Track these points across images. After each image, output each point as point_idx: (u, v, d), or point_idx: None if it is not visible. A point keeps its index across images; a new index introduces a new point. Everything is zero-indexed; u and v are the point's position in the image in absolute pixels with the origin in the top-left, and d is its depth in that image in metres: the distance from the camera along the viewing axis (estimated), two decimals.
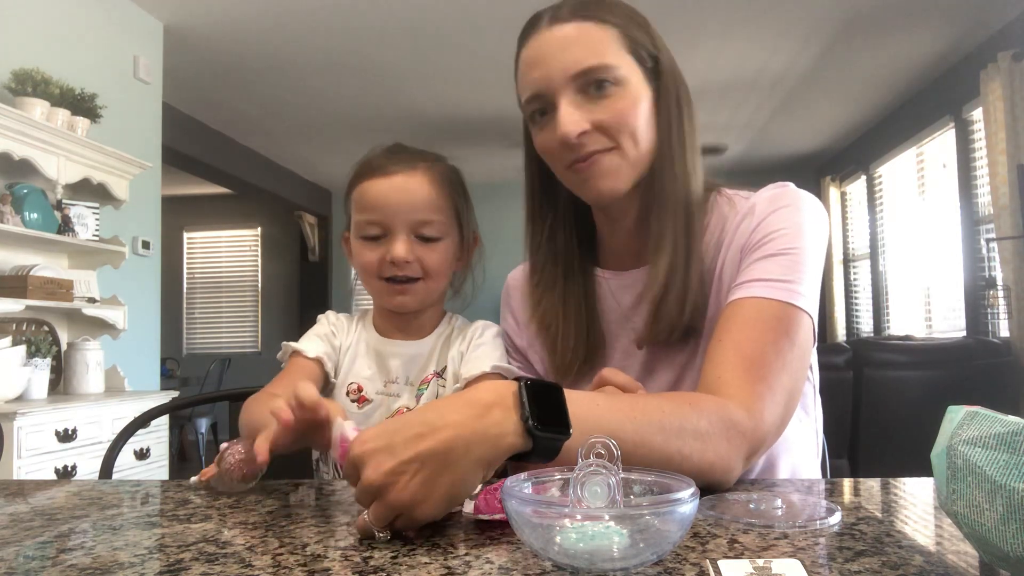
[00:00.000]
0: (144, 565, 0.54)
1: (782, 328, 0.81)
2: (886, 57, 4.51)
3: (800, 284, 0.83)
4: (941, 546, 0.55)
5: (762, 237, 0.87)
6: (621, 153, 0.87)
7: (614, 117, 0.85)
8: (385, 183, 0.98)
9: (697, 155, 0.91)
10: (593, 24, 0.86)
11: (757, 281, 0.84)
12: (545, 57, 0.87)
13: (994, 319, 4.18)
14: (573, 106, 0.85)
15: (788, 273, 0.83)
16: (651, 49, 0.89)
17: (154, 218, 3.70)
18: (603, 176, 0.88)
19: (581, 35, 0.86)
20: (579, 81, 0.85)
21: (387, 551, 0.55)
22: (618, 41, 0.86)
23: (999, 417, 0.44)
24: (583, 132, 0.85)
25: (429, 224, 0.98)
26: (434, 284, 1.02)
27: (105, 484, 0.88)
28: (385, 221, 0.98)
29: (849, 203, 6.69)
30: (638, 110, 0.87)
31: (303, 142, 6.01)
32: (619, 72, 0.85)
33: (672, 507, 0.48)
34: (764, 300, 0.82)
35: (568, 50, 0.85)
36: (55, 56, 3.01)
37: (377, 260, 0.99)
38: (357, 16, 3.81)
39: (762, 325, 0.81)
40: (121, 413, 2.79)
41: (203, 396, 1.35)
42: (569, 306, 0.96)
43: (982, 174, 4.30)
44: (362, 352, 1.06)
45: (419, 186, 0.98)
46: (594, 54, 0.85)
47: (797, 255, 0.85)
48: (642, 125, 0.87)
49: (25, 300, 2.61)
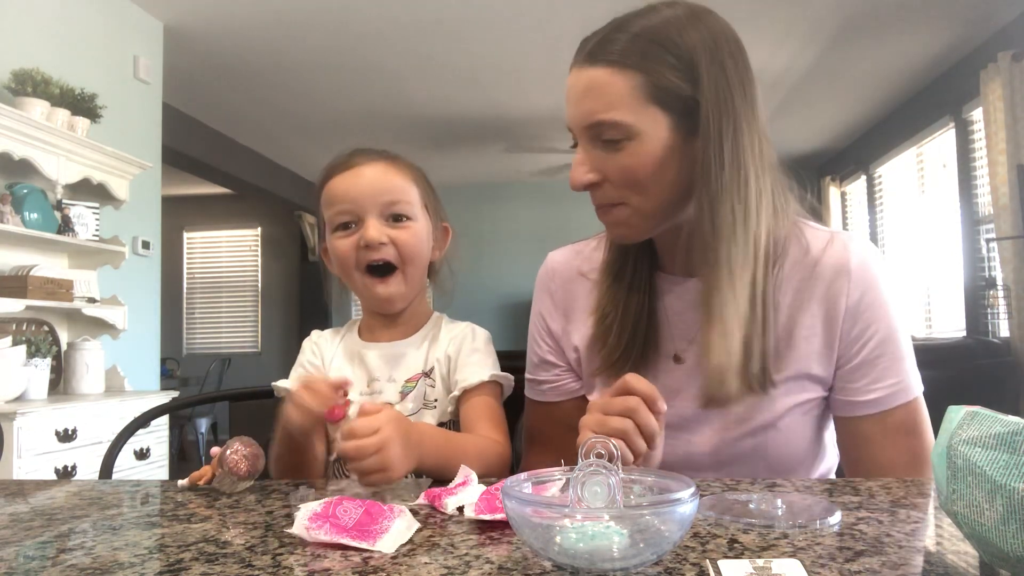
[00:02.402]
0: (144, 565, 0.54)
1: (919, 426, 0.89)
2: (886, 57, 4.51)
3: (910, 375, 0.88)
4: (941, 546, 0.55)
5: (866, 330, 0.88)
6: (629, 208, 0.85)
7: (620, 173, 0.83)
8: (350, 174, 1.01)
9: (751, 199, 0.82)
10: (611, 71, 0.80)
11: (880, 391, 0.88)
12: (569, 98, 0.86)
13: (994, 319, 4.18)
14: (585, 155, 0.85)
15: (899, 371, 0.88)
16: (685, 91, 0.80)
17: (154, 218, 3.70)
18: (616, 226, 0.88)
19: (595, 85, 0.81)
20: (591, 132, 0.83)
21: (387, 554, 0.55)
22: (639, 90, 0.80)
23: (999, 417, 0.44)
24: (589, 184, 0.85)
25: (398, 204, 1.00)
26: (412, 270, 1.02)
27: (105, 484, 0.88)
28: (354, 208, 1.00)
29: (849, 203, 6.69)
30: (652, 165, 0.82)
31: (303, 142, 6.01)
32: (631, 127, 0.80)
33: (672, 507, 0.48)
34: (896, 409, 0.88)
35: (585, 99, 0.83)
36: (55, 56, 3.00)
37: (352, 248, 0.99)
38: (357, 16, 3.81)
39: (903, 434, 0.88)
40: (121, 413, 2.79)
41: (203, 396, 1.34)
42: (630, 303, 0.94)
43: (982, 174, 4.30)
44: (343, 359, 1.07)
45: (383, 172, 1.01)
46: (605, 107, 0.81)
47: (901, 349, 0.89)
48: (659, 177, 0.83)
49: (25, 300, 2.61)
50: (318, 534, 0.56)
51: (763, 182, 0.84)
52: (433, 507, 0.69)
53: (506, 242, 7.31)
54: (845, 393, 0.89)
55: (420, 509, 0.68)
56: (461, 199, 6.14)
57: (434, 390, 1.02)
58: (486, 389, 0.99)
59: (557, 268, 1.05)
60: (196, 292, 8.00)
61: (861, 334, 0.88)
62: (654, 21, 0.82)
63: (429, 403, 1.01)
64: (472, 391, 0.98)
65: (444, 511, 0.67)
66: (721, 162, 0.80)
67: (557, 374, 1.02)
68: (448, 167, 6.78)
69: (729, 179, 0.81)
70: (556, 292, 1.03)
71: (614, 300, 0.94)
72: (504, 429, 0.97)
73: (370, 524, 0.58)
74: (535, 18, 3.77)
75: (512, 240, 7.28)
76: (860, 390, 0.88)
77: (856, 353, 0.88)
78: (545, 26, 3.91)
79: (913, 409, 0.88)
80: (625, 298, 0.94)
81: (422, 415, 1.01)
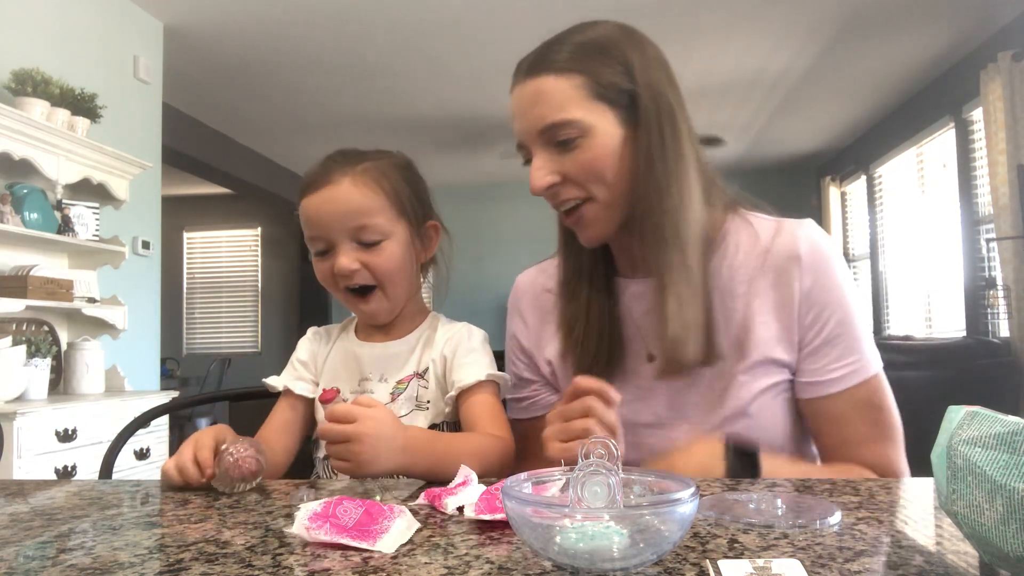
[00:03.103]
0: (144, 565, 0.54)
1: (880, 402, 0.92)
2: (886, 57, 4.51)
3: (866, 351, 0.91)
4: (941, 546, 0.55)
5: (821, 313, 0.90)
6: (596, 201, 0.90)
7: (580, 169, 0.88)
8: (315, 198, 0.98)
9: (692, 182, 0.89)
10: (554, 77, 0.87)
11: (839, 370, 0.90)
12: (517, 113, 0.91)
13: (994, 319, 4.18)
14: (542, 160, 0.89)
15: (856, 350, 0.91)
16: (624, 85, 0.87)
17: (154, 218, 3.70)
18: (586, 227, 0.92)
19: (542, 91, 0.87)
20: (545, 136, 0.88)
21: (387, 554, 0.55)
22: (583, 89, 0.86)
23: (999, 417, 0.44)
24: (550, 185, 0.89)
25: (365, 228, 0.97)
26: (393, 288, 1.01)
27: (105, 484, 0.88)
28: (324, 235, 0.98)
29: (849, 203, 6.69)
30: (607, 156, 0.87)
31: (303, 142, 6.02)
32: (583, 123, 0.86)
33: (672, 507, 0.48)
34: (855, 388, 0.90)
35: (534, 107, 0.88)
36: (55, 56, 3.01)
37: (329, 273, 1.00)
38: (357, 16, 3.81)
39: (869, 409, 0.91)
40: (121, 413, 2.79)
41: (203, 396, 1.34)
42: (592, 313, 0.98)
43: (982, 174, 4.30)
44: (338, 357, 1.07)
45: (346, 195, 0.97)
46: (555, 110, 0.86)
47: (856, 329, 0.91)
48: (615, 168, 0.88)
49: (25, 300, 2.61)
50: (318, 534, 0.56)
51: (699, 168, 0.91)
52: (433, 507, 0.69)
53: (506, 242, 7.30)
54: (809, 375, 0.91)
55: (420, 509, 0.68)
56: (461, 199, 6.14)
57: (427, 391, 1.01)
58: (483, 388, 0.99)
59: (524, 287, 1.10)
60: (196, 292, 8.00)
61: (818, 318, 0.90)
62: (588, 34, 0.90)
63: (422, 404, 1.01)
64: (469, 391, 0.98)
65: (444, 511, 0.67)
66: (663, 147, 0.88)
67: (535, 390, 1.06)
68: (448, 167, 6.78)
69: (672, 162, 0.88)
70: (525, 311, 1.09)
71: (577, 312, 0.99)
72: (505, 424, 0.97)
73: (370, 524, 0.58)
74: (535, 18, 3.77)
75: (512, 240, 7.27)
76: (823, 370, 0.91)
77: (815, 336, 0.91)
78: (545, 27, 3.89)
79: (875, 384, 0.91)
80: (587, 308, 0.98)
81: (415, 416, 1.00)
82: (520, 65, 0.91)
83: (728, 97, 5.20)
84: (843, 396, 0.91)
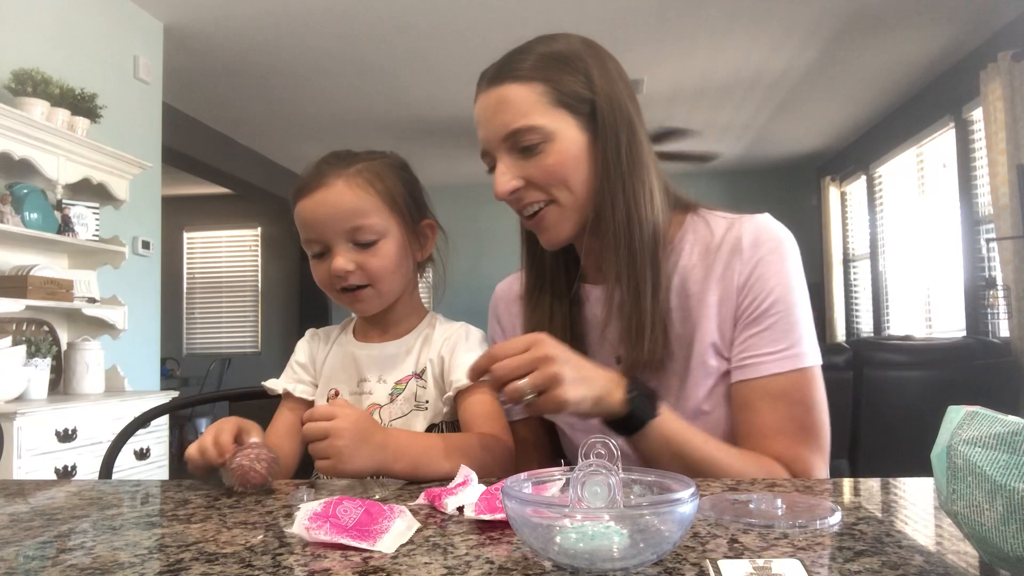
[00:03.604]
0: (144, 565, 0.54)
1: (805, 397, 0.89)
2: (886, 57, 4.51)
3: (803, 343, 0.89)
4: (941, 546, 0.55)
5: (756, 301, 0.90)
6: (558, 205, 0.92)
7: (543, 173, 0.91)
8: (309, 201, 0.99)
9: (645, 187, 0.92)
10: (517, 85, 0.90)
11: (765, 356, 0.89)
12: (481, 121, 0.94)
13: (994, 319, 4.18)
14: (506, 166, 0.92)
15: (790, 338, 0.89)
16: (585, 94, 0.90)
17: (154, 218, 3.70)
18: (547, 230, 0.94)
19: (505, 98, 0.90)
20: (509, 141, 0.91)
21: (387, 554, 0.55)
22: (545, 96, 0.89)
23: (999, 417, 0.44)
24: (514, 189, 0.92)
25: (360, 229, 0.98)
26: (384, 286, 1.01)
27: (105, 484, 0.88)
28: (319, 238, 0.99)
29: (849, 203, 6.69)
30: (570, 161, 0.90)
31: (303, 142, 6.01)
32: (545, 129, 0.89)
33: (672, 507, 0.48)
34: (779, 376, 0.88)
35: (498, 113, 0.91)
36: (55, 56, 3.00)
37: (325, 274, 1.00)
38: (357, 16, 3.81)
39: (788, 402, 0.88)
40: (121, 413, 2.79)
41: (203, 396, 1.34)
42: (555, 321, 1.00)
43: (982, 174, 4.30)
44: (336, 359, 1.08)
45: (339, 196, 0.98)
46: (519, 116, 0.89)
47: (793, 314, 0.90)
48: (577, 173, 0.91)
49: (25, 300, 2.61)
50: (318, 534, 0.56)
51: (657, 175, 0.94)
52: (433, 507, 0.69)
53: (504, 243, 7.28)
54: (737, 359, 0.91)
55: (420, 509, 0.68)
56: (460, 199, 6.14)
57: (426, 391, 1.01)
58: (481, 388, 0.98)
59: (500, 295, 1.15)
60: (196, 292, 8.00)
61: (752, 302, 0.91)
62: (551, 46, 0.93)
63: (421, 404, 1.01)
64: (467, 392, 0.98)
65: (444, 511, 0.67)
66: (619, 153, 0.90)
67: None
68: (447, 167, 6.78)
69: (629, 168, 0.91)
70: (502, 317, 1.13)
71: (541, 320, 1.01)
72: (504, 423, 0.97)
73: (370, 524, 0.58)
74: (534, 19, 3.77)
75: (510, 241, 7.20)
76: (749, 352, 0.90)
77: (747, 319, 0.91)
78: (544, 27, 3.90)
79: (805, 379, 0.89)
80: (550, 316, 1.01)
81: (414, 416, 1.00)
82: (484, 75, 0.94)
83: (728, 97, 5.20)
84: (762, 383, 0.89)
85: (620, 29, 4.01)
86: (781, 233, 0.94)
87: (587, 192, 0.92)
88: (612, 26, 3.95)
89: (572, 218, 0.93)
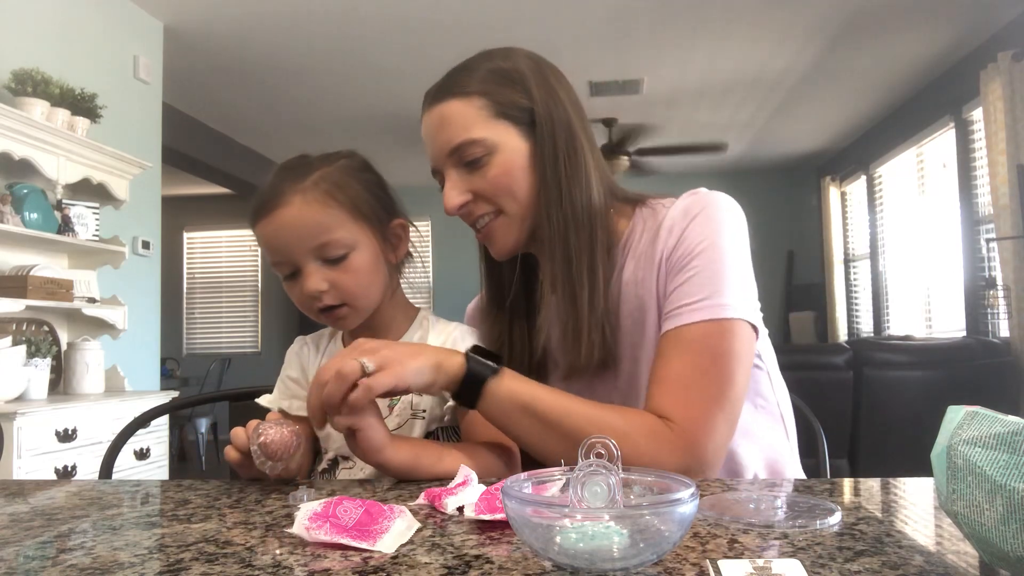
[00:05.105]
0: (144, 565, 0.54)
1: (714, 347, 0.84)
2: (886, 57, 4.51)
3: (723, 295, 0.86)
4: (941, 546, 0.55)
5: (680, 258, 0.89)
6: (506, 215, 0.94)
7: (489, 185, 0.92)
8: (269, 224, 0.93)
9: (583, 191, 0.92)
10: (457, 101, 0.92)
11: (682, 307, 0.87)
12: (427, 139, 0.96)
13: (994, 319, 4.18)
14: (453, 181, 0.93)
15: (709, 289, 0.86)
16: (524, 103, 0.92)
17: (154, 218, 3.70)
18: (495, 241, 0.96)
19: (447, 115, 0.92)
20: (455, 156, 0.92)
21: (387, 554, 0.55)
22: (485, 110, 0.91)
23: (999, 417, 0.44)
24: (463, 204, 0.93)
25: (327, 245, 0.93)
26: (361, 303, 0.97)
27: (105, 484, 0.88)
28: (286, 259, 0.94)
29: (849, 203, 6.69)
30: (514, 171, 0.92)
31: (303, 142, 6.01)
32: (488, 141, 0.91)
33: (672, 507, 0.48)
34: (692, 325, 0.85)
35: (441, 130, 0.93)
36: (55, 56, 3.01)
37: (301, 297, 0.96)
38: (357, 16, 3.81)
39: (694, 351, 0.84)
40: (121, 413, 2.79)
41: (203, 396, 1.34)
42: (515, 334, 1.02)
43: (982, 174, 4.30)
44: None
45: (298, 215, 0.92)
46: (460, 131, 0.91)
47: (716, 266, 0.87)
48: (521, 181, 0.92)
49: (25, 300, 2.61)
50: (318, 534, 0.56)
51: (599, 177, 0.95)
52: (433, 507, 0.69)
53: None
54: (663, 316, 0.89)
55: (420, 509, 0.68)
56: None
57: (422, 399, 0.98)
58: None
59: (470, 313, 1.16)
60: (196, 292, 8.00)
61: (679, 260, 0.89)
62: (490, 61, 0.95)
63: (418, 413, 0.98)
64: None
65: (444, 511, 0.67)
66: (556, 157, 0.92)
67: None
68: None
69: (567, 169, 0.92)
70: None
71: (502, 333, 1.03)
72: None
73: (370, 524, 0.58)
74: (534, 19, 3.77)
75: None
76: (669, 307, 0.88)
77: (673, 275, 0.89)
78: (544, 27, 3.91)
79: (717, 330, 0.84)
80: (509, 328, 1.02)
81: (411, 425, 0.98)
82: (427, 94, 0.96)
83: (728, 97, 5.20)
84: (679, 331, 0.85)
85: (620, 29, 4.01)
86: (714, 197, 0.92)
87: (531, 200, 0.93)
88: (612, 26, 3.96)
89: (518, 226, 0.94)
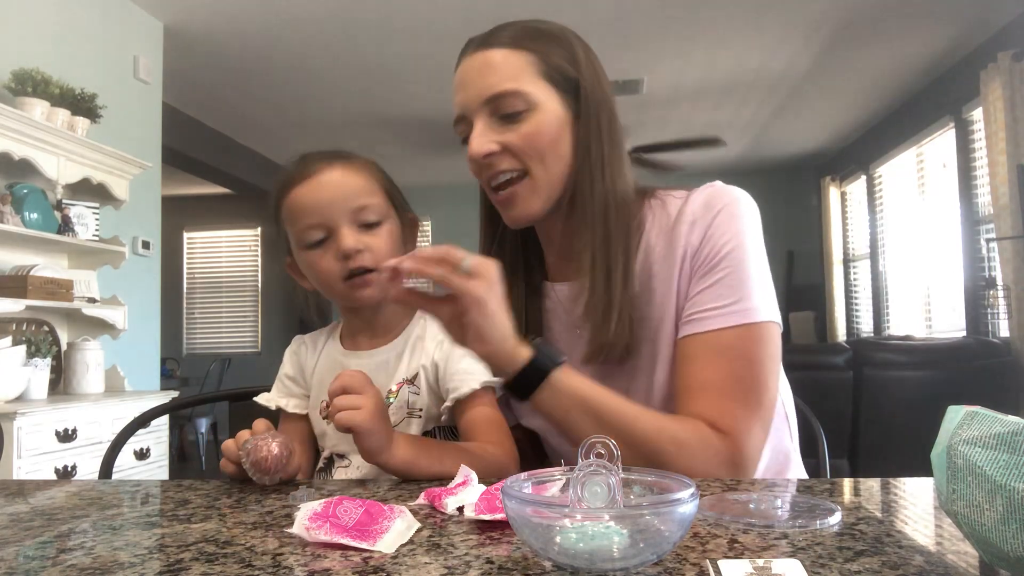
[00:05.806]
0: (144, 565, 0.54)
1: (749, 353, 0.84)
2: (886, 57, 4.51)
3: (752, 298, 0.85)
4: (941, 546, 0.55)
5: (707, 258, 0.88)
6: (531, 179, 0.90)
7: (522, 140, 0.89)
8: (308, 186, 0.96)
9: (621, 173, 0.92)
10: (510, 51, 0.89)
11: (710, 311, 0.86)
12: (465, 82, 0.91)
13: (994, 319, 4.18)
14: (485, 127, 0.90)
15: (739, 292, 0.85)
16: (571, 74, 0.90)
17: (154, 218, 3.70)
18: (515, 206, 0.92)
19: (496, 61, 0.89)
20: (492, 105, 0.89)
21: (387, 554, 0.55)
22: (534, 67, 0.89)
23: (999, 417, 0.44)
24: (490, 152, 0.89)
25: (366, 209, 0.96)
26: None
27: (105, 484, 0.88)
28: (324, 221, 0.95)
29: (849, 203, 6.69)
30: (551, 133, 0.89)
31: (303, 142, 6.00)
32: (531, 97, 0.88)
33: (672, 507, 0.48)
34: (725, 331, 0.84)
35: (483, 76, 0.89)
36: (55, 56, 3.01)
37: (331, 262, 0.95)
38: (357, 16, 3.81)
39: (729, 357, 0.84)
40: (121, 413, 2.79)
41: (203, 396, 1.34)
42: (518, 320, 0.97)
43: (982, 174, 4.30)
44: (325, 369, 1.04)
45: (343, 176, 0.97)
46: (506, 79, 0.88)
47: (744, 268, 0.86)
48: (555, 148, 0.90)
49: (25, 300, 2.61)
50: (318, 534, 0.56)
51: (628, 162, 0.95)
52: (433, 507, 0.69)
53: None
54: (685, 316, 0.88)
55: (420, 509, 0.68)
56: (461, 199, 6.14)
57: (419, 398, 0.98)
58: (480, 398, 0.95)
59: None
60: (196, 292, 7.99)
61: (704, 259, 0.88)
62: (538, 24, 0.93)
63: (414, 412, 0.98)
64: (466, 402, 0.95)
65: (444, 511, 0.67)
66: (600, 134, 0.90)
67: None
68: (447, 167, 6.78)
69: (608, 149, 0.91)
70: None
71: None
72: (506, 432, 0.94)
73: (370, 524, 0.58)
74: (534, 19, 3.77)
75: None
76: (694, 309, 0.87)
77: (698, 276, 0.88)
78: None
79: (749, 335, 0.84)
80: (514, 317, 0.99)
81: (407, 424, 0.97)
82: (470, 42, 0.93)
83: (728, 97, 5.20)
84: (710, 337, 0.85)
85: (620, 29, 4.01)
86: (734, 193, 0.91)
87: (561, 171, 0.91)
88: (612, 26, 3.96)
89: (543, 195, 0.91)
